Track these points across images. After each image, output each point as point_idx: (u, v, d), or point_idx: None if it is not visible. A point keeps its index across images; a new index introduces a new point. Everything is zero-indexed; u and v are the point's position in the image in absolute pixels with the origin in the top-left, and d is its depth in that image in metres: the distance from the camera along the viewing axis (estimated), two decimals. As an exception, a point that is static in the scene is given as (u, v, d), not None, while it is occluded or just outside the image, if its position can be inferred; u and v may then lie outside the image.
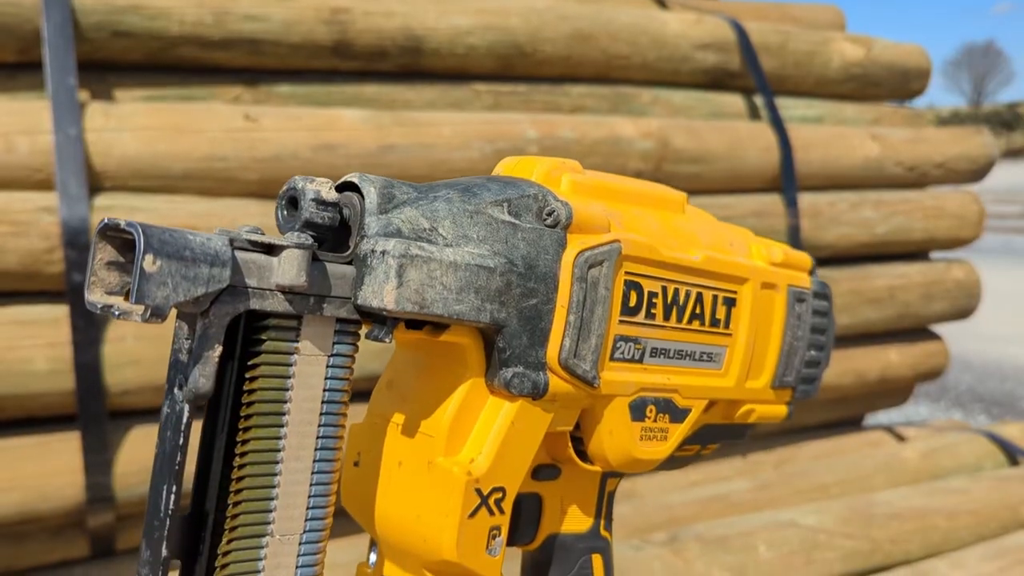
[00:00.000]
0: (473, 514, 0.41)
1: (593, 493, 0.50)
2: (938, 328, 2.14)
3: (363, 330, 0.39)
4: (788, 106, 1.96)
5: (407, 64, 1.61)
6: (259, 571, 0.37)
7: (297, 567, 0.38)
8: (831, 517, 1.58)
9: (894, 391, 2.12)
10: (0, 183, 1.28)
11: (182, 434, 0.34)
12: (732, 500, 1.70)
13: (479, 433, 0.42)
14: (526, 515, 0.48)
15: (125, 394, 1.32)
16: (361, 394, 0.52)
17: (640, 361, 0.47)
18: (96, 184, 1.33)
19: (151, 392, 1.34)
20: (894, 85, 2.12)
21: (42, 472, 1.29)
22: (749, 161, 1.78)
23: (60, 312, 1.28)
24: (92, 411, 1.29)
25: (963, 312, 2.07)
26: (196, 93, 1.49)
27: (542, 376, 0.42)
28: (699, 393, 0.50)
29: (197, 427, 0.36)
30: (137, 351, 1.31)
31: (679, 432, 0.50)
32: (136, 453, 1.33)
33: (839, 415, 2.10)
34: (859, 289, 1.91)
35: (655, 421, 0.48)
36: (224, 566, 0.37)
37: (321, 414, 0.38)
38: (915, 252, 2.05)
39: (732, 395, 0.52)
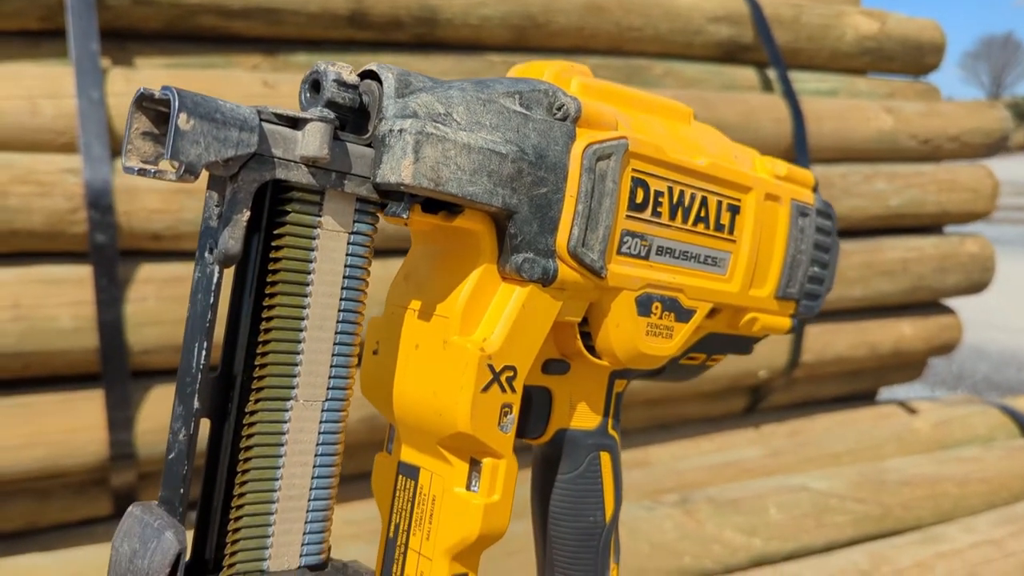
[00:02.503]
0: (486, 389, 0.43)
1: (601, 391, 0.52)
2: (952, 305, 2.14)
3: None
4: (801, 79, 1.97)
5: (422, 35, 1.63)
6: (283, 432, 0.39)
7: (319, 432, 0.41)
8: (842, 482, 1.60)
9: (907, 365, 2.12)
10: (25, 145, 1.31)
11: (213, 294, 0.37)
12: (744, 466, 1.71)
13: (492, 315, 0.44)
14: (536, 409, 0.50)
15: (146, 353, 1.35)
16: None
17: (646, 258, 0.49)
18: (118, 148, 1.36)
19: (171, 352, 1.37)
20: (908, 59, 2.12)
21: (66, 428, 1.32)
22: (762, 133, 1.79)
23: (84, 272, 1.31)
24: (115, 369, 1.33)
25: (977, 286, 2.07)
26: (215, 61, 1.52)
27: (551, 263, 0.44)
28: (704, 295, 0.52)
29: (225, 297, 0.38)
30: (158, 311, 1.34)
31: (684, 332, 0.51)
32: (157, 412, 1.36)
33: (852, 389, 2.11)
34: (872, 262, 1.92)
35: (661, 318, 0.50)
36: (251, 425, 0.39)
37: (343, 288, 0.41)
38: (928, 225, 2.06)
39: (736, 301, 0.54)
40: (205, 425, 0.39)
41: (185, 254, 1.38)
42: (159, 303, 1.35)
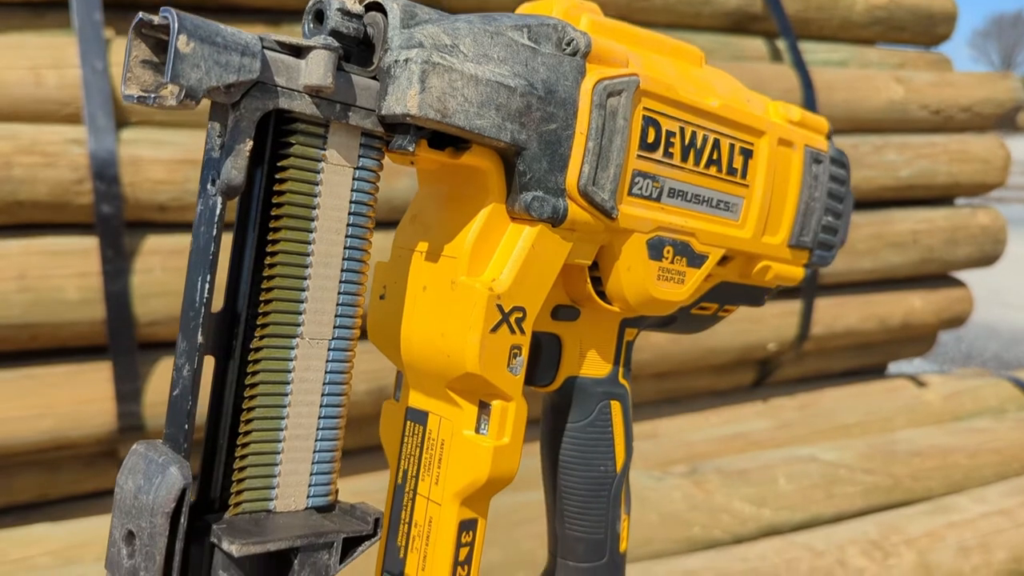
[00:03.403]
0: (495, 329, 0.42)
1: (612, 339, 0.52)
2: (963, 278, 2.12)
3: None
4: (811, 50, 1.95)
5: (427, 2, 1.61)
6: (289, 371, 0.39)
7: (326, 372, 0.40)
8: (852, 453, 1.59)
9: (917, 338, 2.11)
10: (30, 116, 1.30)
11: (215, 226, 0.36)
12: (752, 438, 1.71)
13: (500, 256, 0.43)
14: (546, 355, 0.49)
15: (153, 325, 1.35)
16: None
17: (658, 200, 0.48)
18: (122, 119, 1.35)
19: (178, 323, 1.36)
20: (919, 29, 2.10)
21: (75, 399, 1.32)
22: (771, 102, 1.77)
23: (90, 243, 1.31)
24: (122, 340, 1.32)
25: (989, 258, 2.05)
26: (219, 32, 1.50)
27: (561, 202, 0.43)
28: (716, 240, 0.51)
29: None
30: (164, 282, 1.34)
31: (696, 278, 0.50)
32: (165, 385, 1.36)
33: (861, 362, 2.10)
34: (882, 233, 1.90)
35: (672, 263, 0.49)
36: (256, 363, 0.38)
37: (348, 225, 0.40)
38: (939, 197, 2.04)
39: (749, 247, 0.53)
40: (210, 364, 0.38)
41: (191, 225, 1.37)
42: (165, 274, 1.34)
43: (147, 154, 1.33)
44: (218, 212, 0.36)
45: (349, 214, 0.40)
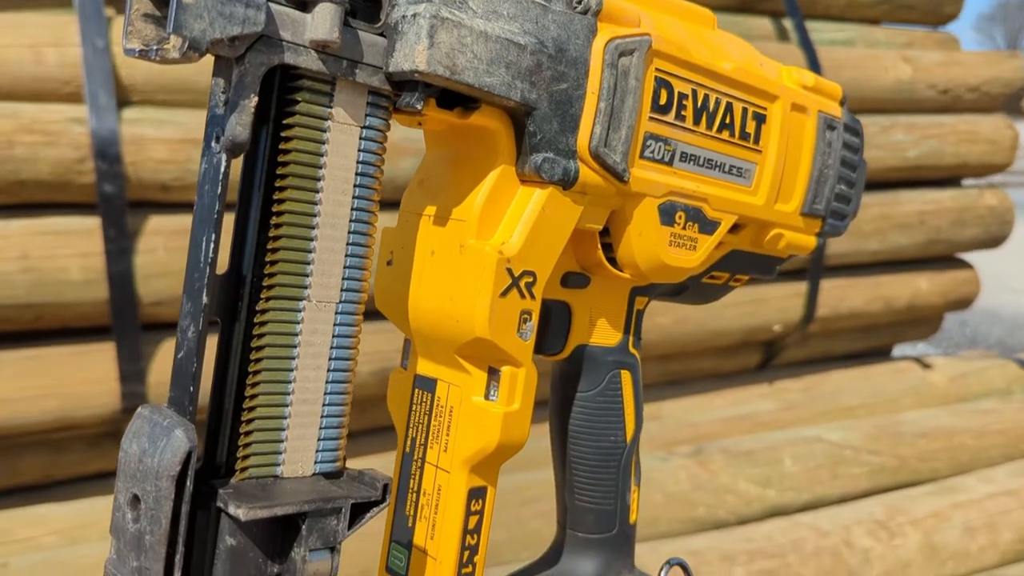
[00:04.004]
0: (504, 293, 0.41)
1: (622, 307, 0.51)
2: (969, 260, 2.11)
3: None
4: (818, 29, 1.93)
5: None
6: (296, 334, 0.38)
7: (333, 336, 0.39)
8: (858, 434, 1.58)
9: (923, 320, 2.10)
10: (30, 95, 1.29)
11: (220, 184, 0.35)
12: (758, 420, 1.70)
13: (510, 219, 0.42)
14: (555, 323, 0.49)
15: (157, 305, 1.34)
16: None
17: (670, 164, 0.47)
18: (124, 98, 1.34)
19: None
20: (927, 8, 2.08)
21: (79, 380, 1.32)
22: (777, 82, 1.75)
23: (92, 223, 1.30)
24: (126, 320, 1.32)
25: (996, 239, 2.04)
26: (221, 10, 1.49)
27: (572, 164, 0.42)
28: (728, 207, 0.50)
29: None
30: (168, 262, 1.33)
31: (708, 245, 0.50)
32: (169, 365, 1.36)
33: (867, 345, 2.09)
34: (889, 214, 1.89)
35: (684, 228, 0.48)
36: (262, 325, 0.37)
37: (355, 185, 0.39)
38: (947, 178, 2.02)
39: (761, 215, 0.52)
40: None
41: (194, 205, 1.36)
42: (168, 254, 1.33)
43: (149, 133, 1.32)
44: (222, 170, 0.35)
45: (356, 175, 0.39)
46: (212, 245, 0.35)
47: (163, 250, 1.33)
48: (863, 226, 1.84)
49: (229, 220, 0.37)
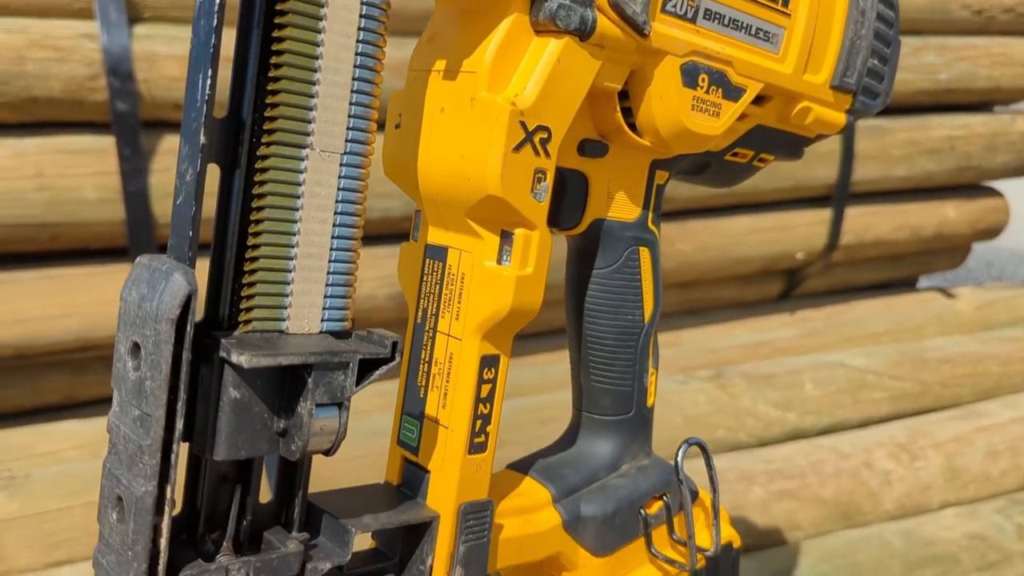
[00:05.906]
0: (518, 148, 0.39)
1: (641, 180, 0.49)
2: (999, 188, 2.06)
3: None
4: (848, -55, 1.85)
5: None
6: (299, 183, 0.36)
7: (339, 188, 0.38)
8: (880, 360, 1.56)
9: (950, 249, 2.06)
10: (39, 10, 1.27)
11: (216, 17, 0.33)
12: (778, 346, 1.69)
13: (524, 71, 0.40)
14: (571, 195, 0.47)
15: (173, 225, 1.33)
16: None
17: (693, 20, 0.44)
18: (135, 14, 1.31)
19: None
20: (963, -75, 1.99)
21: (98, 300, 1.32)
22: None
23: (106, 142, 1.29)
24: (142, 240, 1.31)
25: (1028, 166, 1.99)
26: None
27: (590, 12, 0.40)
28: (754, 72, 0.48)
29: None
30: (183, 182, 1.32)
31: (731, 112, 0.47)
32: (187, 286, 1.35)
33: (892, 275, 2.06)
34: (917, 139, 1.84)
35: (707, 92, 0.46)
36: (263, 172, 0.36)
37: (359, 29, 0.37)
38: (979, 103, 1.96)
39: (789, 84, 0.50)
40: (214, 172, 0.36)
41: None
42: (183, 175, 1.32)
43: (161, 50, 1.29)
44: (218, 1, 0.33)
45: (361, 16, 0.37)
46: (209, 83, 0.33)
47: (178, 170, 1.32)
48: (891, 151, 1.80)
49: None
